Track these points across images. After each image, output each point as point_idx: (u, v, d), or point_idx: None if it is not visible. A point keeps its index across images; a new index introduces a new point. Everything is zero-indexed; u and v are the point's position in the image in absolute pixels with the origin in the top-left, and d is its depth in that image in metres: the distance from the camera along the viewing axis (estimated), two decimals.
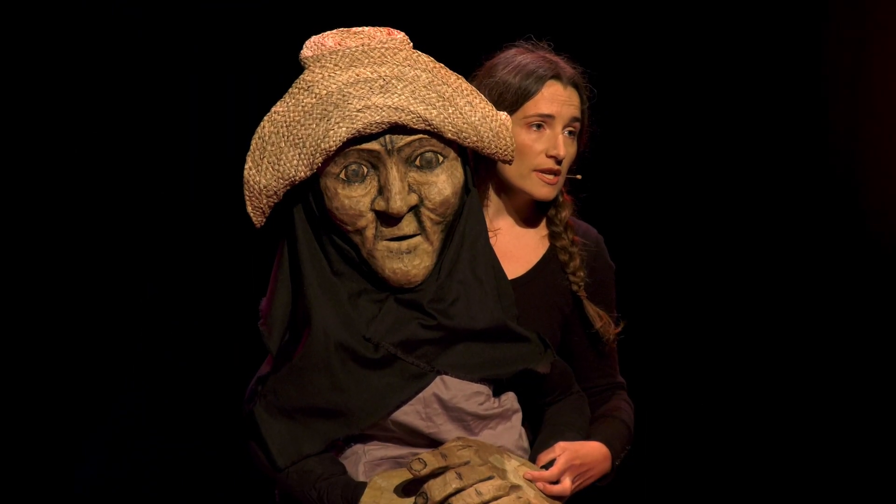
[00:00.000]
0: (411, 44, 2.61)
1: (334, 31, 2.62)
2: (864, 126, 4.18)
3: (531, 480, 2.55)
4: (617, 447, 2.77)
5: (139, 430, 4.26)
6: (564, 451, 2.62)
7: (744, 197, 4.27)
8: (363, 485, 2.54)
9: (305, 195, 2.59)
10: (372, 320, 2.57)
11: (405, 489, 2.50)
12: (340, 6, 4.01)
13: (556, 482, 2.59)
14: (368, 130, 2.49)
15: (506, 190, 2.89)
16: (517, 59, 2.85)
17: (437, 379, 2.57)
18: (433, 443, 2.58)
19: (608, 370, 2.97)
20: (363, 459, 2.62)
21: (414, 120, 2.51)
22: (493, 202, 2.91)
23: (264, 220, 2.60)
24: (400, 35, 2.61)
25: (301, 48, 2.61)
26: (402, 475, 2.53)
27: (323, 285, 2.58)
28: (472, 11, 4.12)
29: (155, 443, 4.26)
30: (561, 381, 2.74)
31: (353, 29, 2.62)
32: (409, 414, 2.57)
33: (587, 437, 2.73)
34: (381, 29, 2.62)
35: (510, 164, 2.75)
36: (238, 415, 2.74)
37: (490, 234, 2.74)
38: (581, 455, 2.65)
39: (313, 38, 2.60)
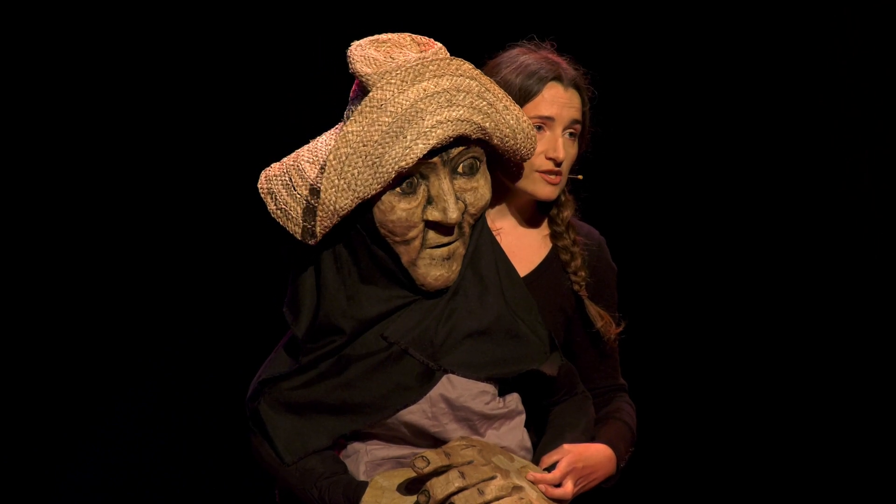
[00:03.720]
0: (447, 51, 2.62)
1: (364, 41, 2.61)
2: (869, 124, 4.18)
3: (534, 482, 2.55)
4: (621, 449, 2.77)
5: (139, 430, 4.25)
6: (568, 454, 2.61)
7: (745, 198, 4.27)
8: (364, 484, 2.54)
9: None
10: (394, 321, 2.59)
11: (407, 488, 2.50)
12: (345, 7, 4.01)
13: (559, 485, 2.59)
14: (439, 145, 2.50)
15: (507, 190, 2.89)
16: (520, 58, 2.85)
17: (444, 378, 2.58)
18: (437, 442, 2.58)
19: (610, 371, 2.96)
20: (364, 459, 2.62)
21: (475, 130, 2.54)
22: (495, 202, 2.91)
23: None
24: (437, 44, 2.62)
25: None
26: (404, 474, 2.53)
27: (350, 295, 2.59)
28: (475, 11, 4.12)
29: (155, 443, 4.26)
30: (566, 381, 2.75)
31: (381, 37, 2.61)
32: (414, 413, 2.57)
33: (591, 439, 2.73)
34: (405, 35, 2.62)
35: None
36: (240, 414, 2.74)
37: (493, 233, 2.74)
38: (585, 458, 2.64)
39: (357, 52, 2.57)
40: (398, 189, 2.53)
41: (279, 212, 2.61)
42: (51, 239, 4.17)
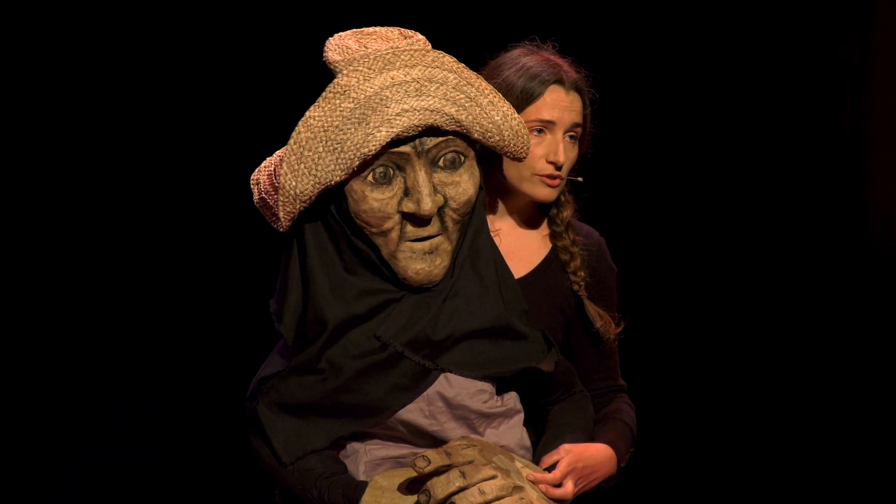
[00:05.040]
0: (430, 45, 2.62)
1: (348, 32, 2.62)
2: (869, 126, 4.18)
3: (534, 482, 2.55)
4: (622, 449, 2.77)
5: (139, 430, 4.25)
6: (568, 454, 2.61)
7: (745, 199, 4.27)
8: (364, 484, 2.54)
9: (320, 196, 2.59)
10: (385, 319, 2.58)
11: (407, 488, 2.50)
12: (345, 7, 4.01)
13: (559, 485, 2.59)
14: (406, 134, 2.50)
15: (507, 190, 2.89)
16: (521, 60, 2.85)
17: (441, 377, 2.57)
18: (436, 442, 2.58)
19: (609, 372, 2.97)
20: (364, 459, 2.62)
21: (447, 122, 2.52)
22: (495, 202, 2.91)
23: (290, 224, 2.59)
24: (420, 36, 2.62)
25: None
26: (404, 474, 2.52)
27: (334, 286, 2.59)
28: (476, 11, 4.12)
29: (155, 443, 4.26)
30: (564, 380, 2.75)
31: (366, 30, 2.62)
32: (412, 412, 2.57)
33: (591, 439, 2.73)
34: (393, 29, 2.62)
35: (521, 162, 2.75)
36: (239, 414, 2.74)
37: (492, 234, 2.74)
38: (585, 458, 2.64)
39: (334, 41, 2.59)
40: (370, 178, 2.52)
41: (260, 201, 2.62)
42: (50, 239, 4.17)
